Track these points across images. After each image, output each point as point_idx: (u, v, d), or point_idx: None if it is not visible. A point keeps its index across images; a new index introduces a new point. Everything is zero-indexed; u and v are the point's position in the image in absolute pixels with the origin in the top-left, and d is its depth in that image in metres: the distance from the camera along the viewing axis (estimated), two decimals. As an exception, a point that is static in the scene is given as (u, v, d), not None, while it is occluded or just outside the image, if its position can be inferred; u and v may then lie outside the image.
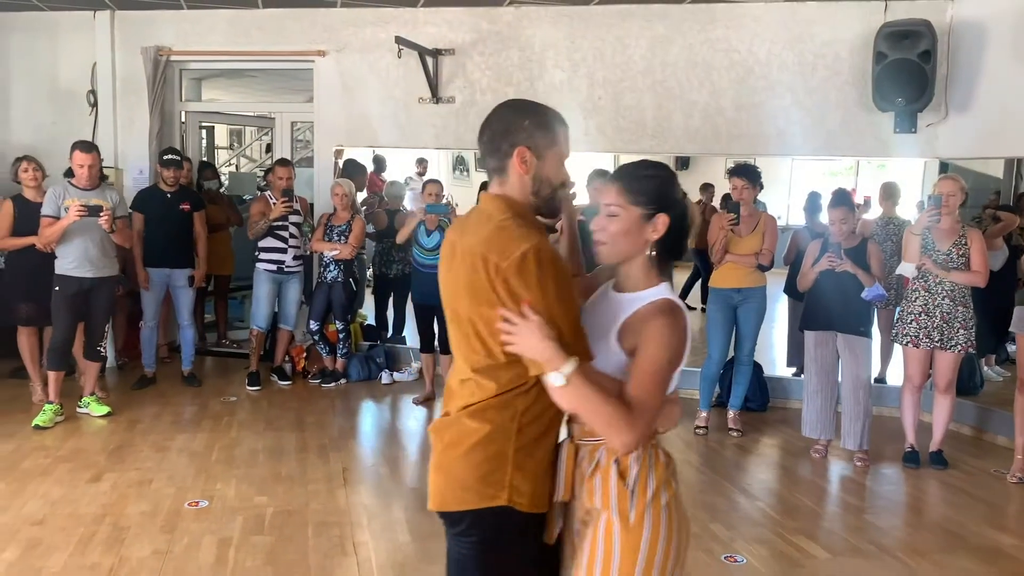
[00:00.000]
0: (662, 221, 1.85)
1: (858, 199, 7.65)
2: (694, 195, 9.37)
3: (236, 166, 13.49)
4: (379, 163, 9.53)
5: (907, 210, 6.73)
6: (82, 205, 5.12)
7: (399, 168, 10.09)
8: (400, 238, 6.26)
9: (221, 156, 12.98)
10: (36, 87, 7.46)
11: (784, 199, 10.87)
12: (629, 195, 1.86)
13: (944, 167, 6.32)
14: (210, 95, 9.84)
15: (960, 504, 4.55)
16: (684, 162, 11.06)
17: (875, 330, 5.81)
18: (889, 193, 6.61)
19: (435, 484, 1.87)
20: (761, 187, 5.62)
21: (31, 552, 3.56)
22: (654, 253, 1.87)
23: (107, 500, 4.15)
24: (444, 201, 6.07)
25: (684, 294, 8.74)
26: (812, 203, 6.85)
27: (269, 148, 12.12)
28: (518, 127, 1.89)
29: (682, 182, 2.00)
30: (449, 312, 1.92)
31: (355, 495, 4.37)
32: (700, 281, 8.74)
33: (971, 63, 5.82)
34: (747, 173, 5.50)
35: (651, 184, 1.88)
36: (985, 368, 6.84)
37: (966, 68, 5.84)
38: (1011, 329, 4.96)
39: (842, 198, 5.20)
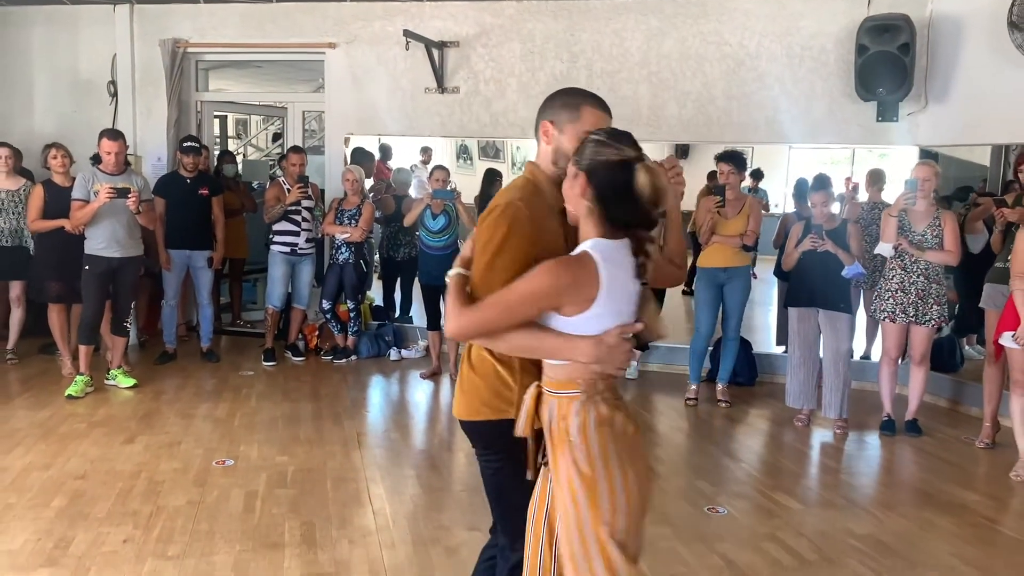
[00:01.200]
0: (580, 181, 2.01)
1: (852, 187, 7.95)
2: (699, 183, 9.67)
3: (244, 154, 13.83)
4: (385, 151, 9.83)
5: (894, 196, 7.04)
6: (111, 188, 5.46)
7: (404, 156, 10.42)
8: (407, 221, 6.60)
9: (229, 145, 13.30)
10: (58, 78, 7.81)
11: (782, 187, 11.19)
12: (574, 158, 2.07)
13: (927, 154, 6.64)
14: (216, 85, 10.16)
15: (930, 466, 4.90)
16: (684, 151, 11.39)
17: (861, 311, 6.17)
18: (875, 179, 6.94)
19: (459, 399, 2.22)
20: (749, 172, 5.94)
21: (77, 501, 3.92)
22: (594, 213, 2.01)
23: (141, 459, 4.51)
24: (450, 187, 6.40)
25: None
26: (800, 189, 7.17)
27: (276, 137, 12.48)
28: (548, 104, 2.23)
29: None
30: None
31: (369, 455, 4.74)
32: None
33: (950, 55, 6.13)
34: (733, 159, 5.81)
35: (586, 147, 2.02)
36: (966, 347, 7.16)
37: (945, 60, 6.16)
38: (980, 305, 5.30)
39: (822, 182, 5.55)
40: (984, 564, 3.60)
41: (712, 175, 5.92)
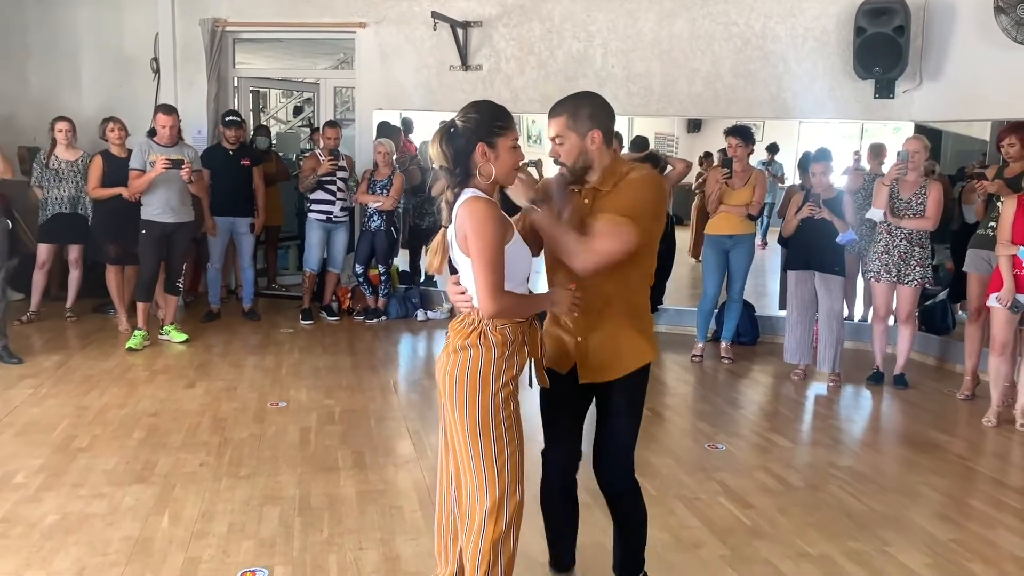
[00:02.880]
0: None
1: (862, 161, 8.35)
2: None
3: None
4: (407, 125, 10.29)
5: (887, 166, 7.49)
6: (167, 159, 5.98)
7: (426, 130, 10.87)
8: (436, 191, 7.08)
9: (260, 119, 13.77)
10: (104, 56, 8.31)
11: (794, 160, 11.61)
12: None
13: (922, 129, 7.06)
14: (240, 59, 10.59)
15: (911, 414, 5.40)
16: (696, 124, 11.82)
17: (861, 279, 6.63)
18: (876, 153, 7.40)
19: (621, 357, 2.68)
20: (766, 146, 6.39)
21: (154, 433, 4.48)
22: None
23: (203, 401, 5.07)
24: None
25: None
26: (804, 162, 7.63)
27: (297, 110, 12.93)
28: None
29: (692, 144, 2.78)
30: None
31: (405, 399, 5.29)
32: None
33: (943, 36, 6.54)
34: (741, 133, 6.27)
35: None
36: (959, 312, 7.63)
37: (939, 41, 6.57)
38: (964, 268, 5.75)
39: (821, 155, 6.00)
40: (949, 491, 4.11)
41: (726, 152, 6.38)
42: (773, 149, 11.60)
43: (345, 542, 3.28)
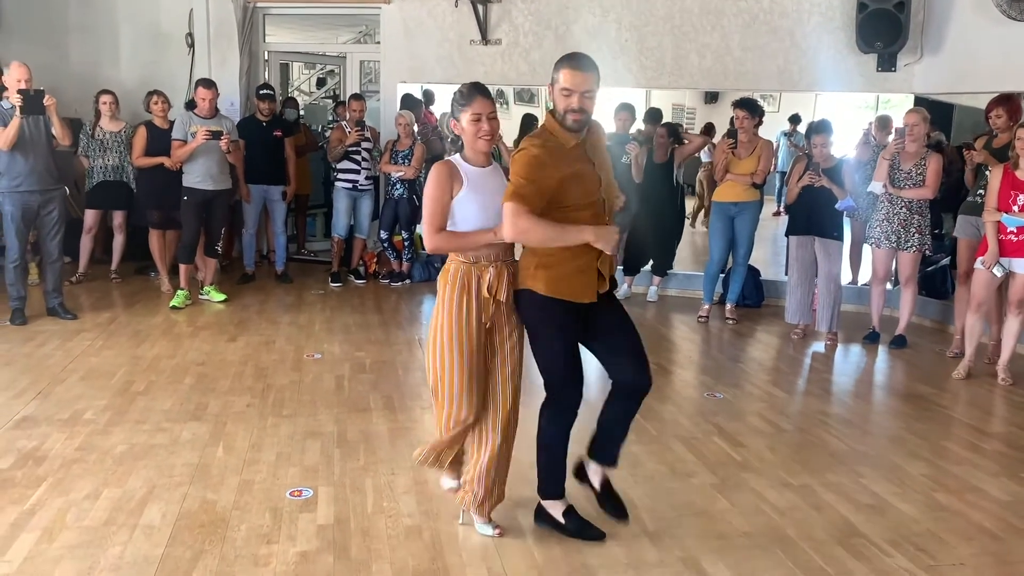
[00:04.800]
0: None
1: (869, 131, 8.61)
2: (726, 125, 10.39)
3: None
4: (428, 97, 10.63)
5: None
6: (207, 130, 6.40)
7: (446, 102, 11.22)
8: (456, 160, 7.46)
9: (287, 92, 14.14)
10: (141, 31, 8.70)
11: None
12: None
13: (923, 101, 7.34)
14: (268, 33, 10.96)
15: (901, 369, 5.78)
16: (714, 96, 12.11)
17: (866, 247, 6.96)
18: (883, 124, 7.69)
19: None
20: (788, 117, 6.71)
21: (203, 380, 4.95)
22: None
23: (245, 352, 5.53)
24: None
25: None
26: (811, 132, 7.94)
27: (320, 83, 13.30)
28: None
29: (709, 115, 3.12)
30: None
31: (429, 353, 5.72)
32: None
33: (943, 12, 6.82)
34: (748, 105, 6.60)
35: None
36: (958, 279, 7.95)
37: (939, 16, 6.85)
38: (954, 234, 6.09)
39: (823, 126, 6.32)
40: (925, 434, 4.49)
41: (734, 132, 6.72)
42: (795, 120, 11.89)
43: (379, 469, 3.73)
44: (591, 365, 3.12)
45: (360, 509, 3.36)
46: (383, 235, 7.88)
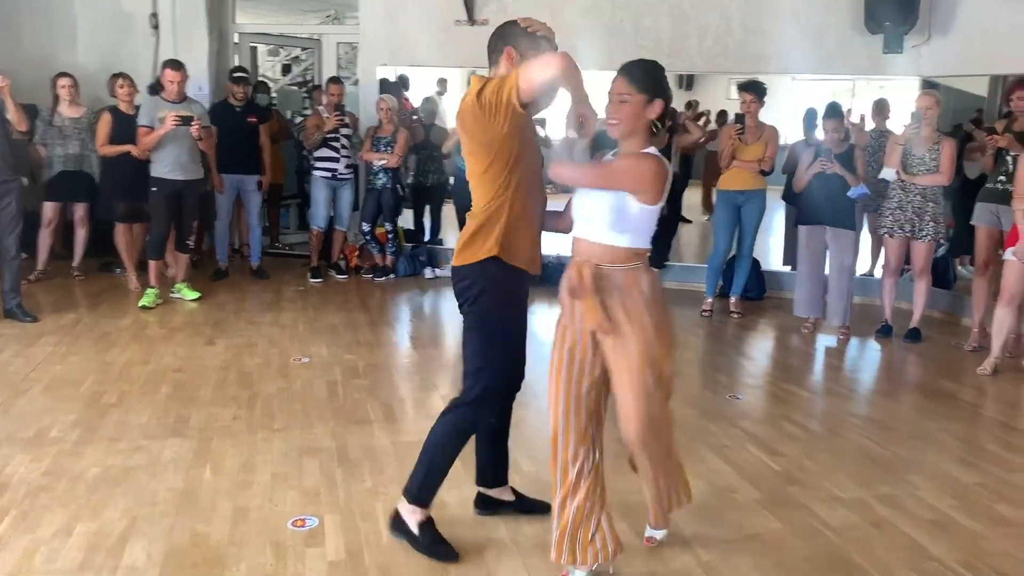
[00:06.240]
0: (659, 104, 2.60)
1: (854, 118, 8.41)
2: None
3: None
4: (403, 82, 10.20)
5: (899, 125, 7.53)
6: (177, 116, 5.92)
7: (421, 87, 10.76)
8: (446, 148, 7.08)
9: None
10: (100, 11, 8.14)
11: (784, 117, 11.64)
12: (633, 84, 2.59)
13: (929, 84, 7.09)
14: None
15: (922, 364, 5.51)
16: (688, 82, 11.81)
17: (866, 232, 6.71)
18: (880, 109, 7.43)
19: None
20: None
21: (182, 388, 4.50)
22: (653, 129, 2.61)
23: (226, 356, 5.09)
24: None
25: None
26: (809, 119, 7.67)
27: (286, 69, 12.76)
28: (510, 32, 2.72)
29: (683, 101, 2.78)
30: None
31: (424, 354, 5.34)
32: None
33: (953, -10, 6.55)
34: (754, 88, 6.27)
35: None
36: (959, 267, 7.75)
37: (949, -5, 6.57)
38: (972, 222, 5.83)
39: (835, 110, 6.01)
40: (965, 436, 4.22)
41: (740, 117, 6.37)
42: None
43: (389, 490, 3.33)
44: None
45: (374, 540, 2.96)
46: (365, 227, 7.45)
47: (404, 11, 7.69)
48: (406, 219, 8.25)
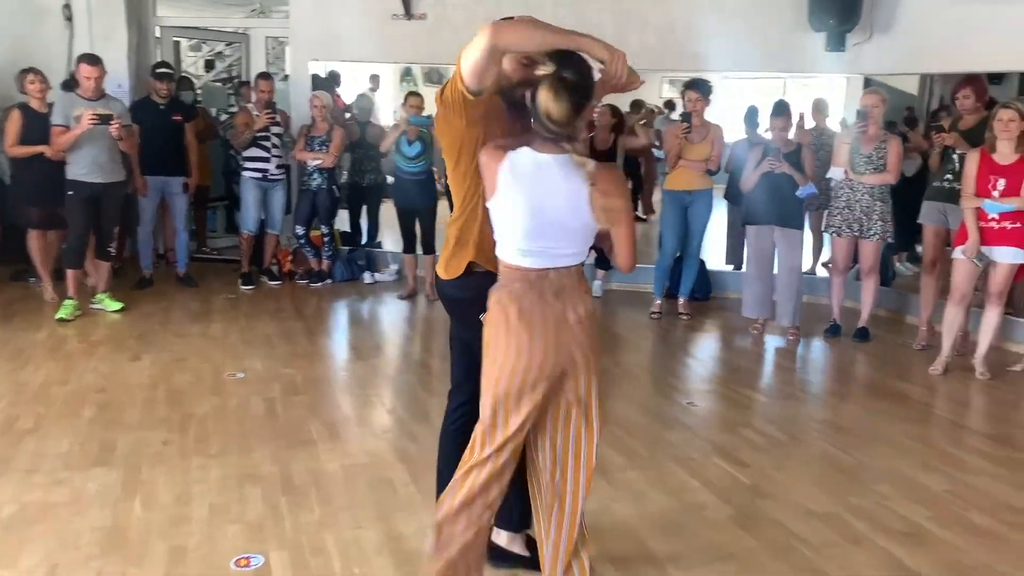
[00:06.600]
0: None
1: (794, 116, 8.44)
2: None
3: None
4: (334, 78, 9.84)
5: (835, 123, 7.57)
6: (94, 114, 5.51)
7: (352, 84, 10.42)
8: (384, 147, 6.77)
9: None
10: (7, 1, 7.59)
11: (717, 116, 11.69)
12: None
13: (868, 82, 7.12)
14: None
15: (873, 365, 5.49)
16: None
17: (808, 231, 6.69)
18: (819, 108, 7.44)
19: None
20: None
21: (106, 410, 4.15)
22: None
23: (153, 373, 4.73)
24: (425, 113, 6.59)
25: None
26: (751, 117, 7.63)
27: (209, 65, 12.25)
28: None
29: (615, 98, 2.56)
30: None
31: (367, 366, 5.07)
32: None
33: (894, -10, 6.57)
34: (700, 87, 6.16)
35: None
36: (897, 264, 7.82)
37: (890, -6, 6.59)
38: (919, 220, 5.83)
39: (782, 108, 5.95)
40: (924, 439, 4.17)
41: (687, 116, 6.24)
42: (670, 105, 11.52)
43: (340, 521, 3.08)
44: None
45: (326, 578, 2.72)
46: (299, 230, 7.10)
47: (337, 4, 7.37)
48: (342, 221, 7.94)
